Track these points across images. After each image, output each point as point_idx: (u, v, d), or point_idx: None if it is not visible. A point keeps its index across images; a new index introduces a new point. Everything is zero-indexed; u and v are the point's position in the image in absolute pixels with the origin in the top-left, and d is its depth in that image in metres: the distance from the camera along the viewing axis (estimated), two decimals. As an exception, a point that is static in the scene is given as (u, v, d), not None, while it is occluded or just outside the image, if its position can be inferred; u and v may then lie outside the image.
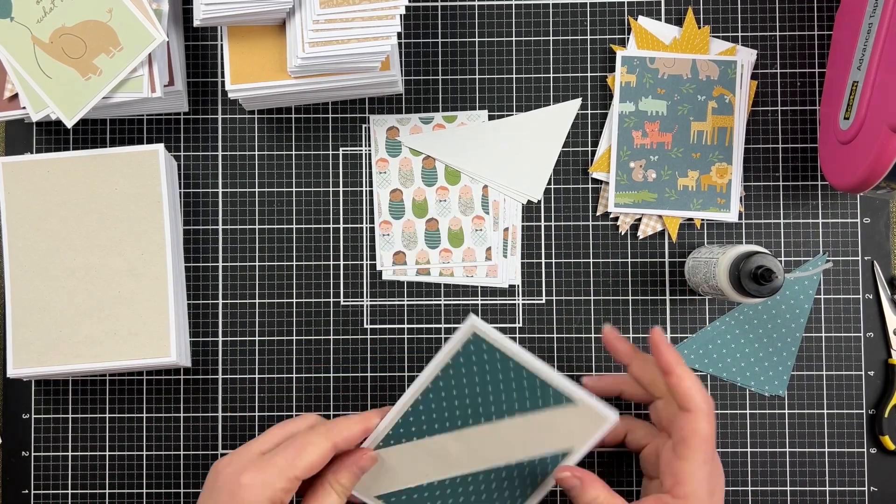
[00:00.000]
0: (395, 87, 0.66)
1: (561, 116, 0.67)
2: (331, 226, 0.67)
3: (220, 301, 0.67)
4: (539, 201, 0.67)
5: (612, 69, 0.67)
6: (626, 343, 0.60)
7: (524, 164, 0.67)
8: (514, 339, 0.67)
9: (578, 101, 0.67)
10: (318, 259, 0.67)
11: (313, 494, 0.56)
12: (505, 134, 0.67)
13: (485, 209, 0.66)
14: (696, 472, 0.54)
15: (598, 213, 0.67)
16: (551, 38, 0.68)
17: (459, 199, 0.67)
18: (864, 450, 0.66)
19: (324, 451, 0.54)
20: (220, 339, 0.67)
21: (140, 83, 0.62)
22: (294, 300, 0.67)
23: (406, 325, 0.67)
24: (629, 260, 0.67)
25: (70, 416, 0.67)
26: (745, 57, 0.67)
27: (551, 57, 0.68)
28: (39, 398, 0.67)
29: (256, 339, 0.67)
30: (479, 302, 0.67)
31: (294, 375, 0.67)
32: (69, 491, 0.67)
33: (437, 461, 0.58)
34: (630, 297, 0.67)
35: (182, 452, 0.67)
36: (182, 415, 0.67)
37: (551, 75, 0.67)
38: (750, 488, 0.66)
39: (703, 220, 0.67)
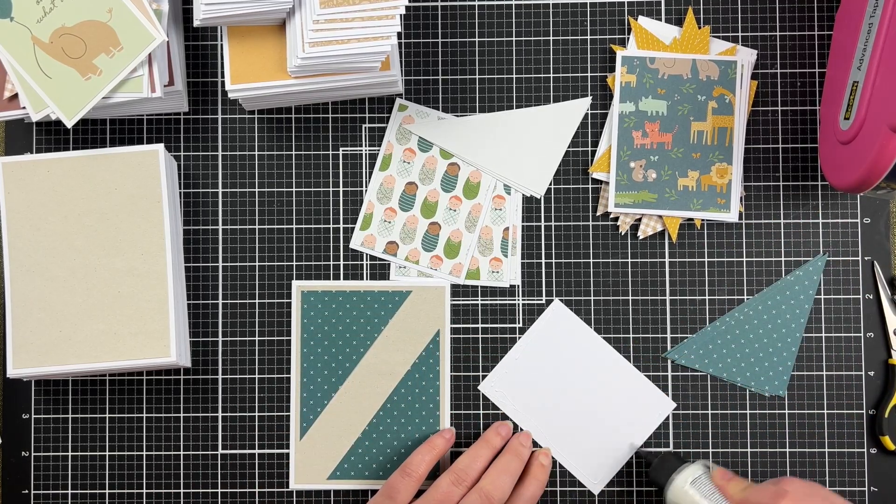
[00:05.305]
0: (395, 87, 0.66)
1: (569, 114, 0.67)
2: (331, 226, 0.67)
3: (220, 301, 0.67)
4: (539, 201, 0.67)
5: (612, 69, 0.67)
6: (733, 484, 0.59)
7: (529, 158, 0.67)
8: (514, 339, 0.67)
9: (588, 100, 0.67)
10: (317, 259, 0.67)
11: None
12: (512, 127, 0.67)
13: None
14: None
15: (598, 213, 0.67)
16: (551, 38, 0.68)
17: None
18: (864, 450, 0.66)
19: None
20: (220, 339, 0.67)
21: (140, 83, 0.62)
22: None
23: (406, 325, 0.67)
24: (629, 260, 0.67)
25: (70, 416, 0.67)
26: (745, 57, 0.67)
27: (551, 57, 0.68)
28: (39, 398, 0.67)
29: (256, 339, 0.67)
30: (479, 302, 0.67)
31: (294, 376, 0.67)
32: (69, 491, 0.67)
33: None
34: (630, 297, 0.67)
35: (182, 452, 0.67)
36: (182, 415, 0.67)
37: (551, 75, 0.67)
38: (750, 488, 0.66)
39: (703, 220, 0.67)
